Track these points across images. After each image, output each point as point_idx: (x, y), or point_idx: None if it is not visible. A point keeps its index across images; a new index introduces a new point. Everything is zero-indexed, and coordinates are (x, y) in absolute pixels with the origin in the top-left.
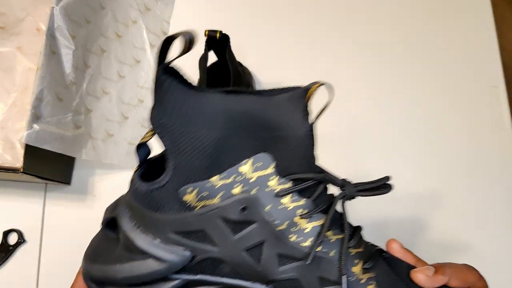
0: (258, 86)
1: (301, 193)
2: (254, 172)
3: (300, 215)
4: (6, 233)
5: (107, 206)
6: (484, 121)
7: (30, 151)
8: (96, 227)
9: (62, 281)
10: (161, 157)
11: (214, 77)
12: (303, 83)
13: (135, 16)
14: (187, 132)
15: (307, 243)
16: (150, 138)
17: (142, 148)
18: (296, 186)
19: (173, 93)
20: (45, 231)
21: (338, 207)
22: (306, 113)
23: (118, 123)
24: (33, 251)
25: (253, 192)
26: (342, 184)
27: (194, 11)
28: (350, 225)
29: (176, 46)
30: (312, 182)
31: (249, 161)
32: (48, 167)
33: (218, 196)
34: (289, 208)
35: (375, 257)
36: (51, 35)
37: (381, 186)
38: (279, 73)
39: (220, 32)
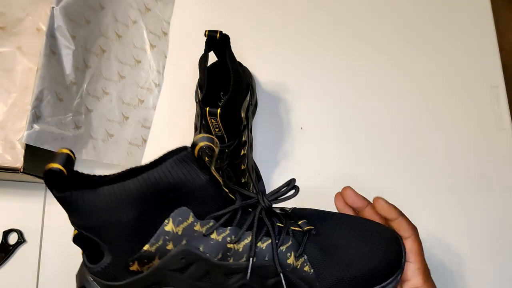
0: (258, 86)
1: (224, 224)
2: (178, 226)
3: (229, 242)
4: (6, 233)
5: (76, 273)
6: (484, 121)
7: (30, 151)
8: None
9: (62, 281)
10: None
11: (214, 77)
12: (303, 83)
13: (135, 16)
14: (104, 224)
15: (244, 259)
16: None
17: (78, 238)
18: (218, 222)
19: (76, 202)
20: (45, 231)
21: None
22: (200, 166)
23: (118, 123)
24: (33, 251)
25: (183, 242)
26: (256, 200)
27: (194, 11)
28: (274, 229)
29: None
30: (229, 214)
31: (170, 220)
32: None
33: (156, 257)
34: (219, 240)
35: (303, 241)
36: (51, 35)
37: (289, 190)
38: (279, 73)
39: (220, 32)
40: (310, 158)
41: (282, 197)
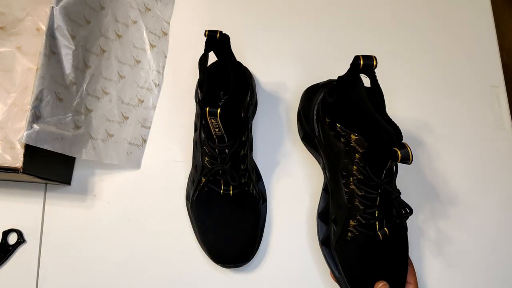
0: (258, 86)
1: None
2: None
3: None
4: (6, 233)
5: None
6: (484, 121)
7: (30, 151)
8: (96, 227)
9: (62, 281)
10: None
11: (214, 77)
12: (303, 83)
13: (135, 16)
14: None
15: None
16: None
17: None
18: None
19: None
20: (45, 231)
21: None
22: None
23: (118, 123)
24: (33, 251)
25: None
26: None
27: (194, 11)
28: None
29: None
30: None
31: None
32: (48, 167)
33: None
34: None
35: None
36: (51, 35)
37: None
38: (279, 73)
39: (220, 32)
40: (310, 158)
41: None
